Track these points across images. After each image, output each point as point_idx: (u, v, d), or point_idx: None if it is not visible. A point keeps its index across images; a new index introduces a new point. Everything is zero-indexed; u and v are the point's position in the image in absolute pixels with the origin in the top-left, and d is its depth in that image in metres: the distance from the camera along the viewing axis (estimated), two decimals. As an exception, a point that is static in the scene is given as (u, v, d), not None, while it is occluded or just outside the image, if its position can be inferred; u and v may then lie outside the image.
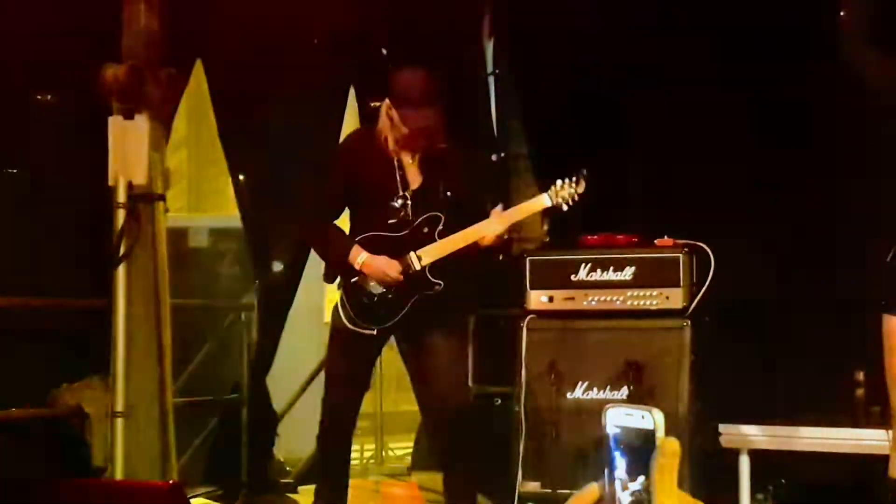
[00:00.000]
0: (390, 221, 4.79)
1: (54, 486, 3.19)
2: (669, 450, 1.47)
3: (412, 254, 4.73)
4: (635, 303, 5.67)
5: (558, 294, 5.80)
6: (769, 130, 6.03)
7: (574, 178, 4.81)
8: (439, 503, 5.23)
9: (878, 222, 4.77)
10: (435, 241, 4.77)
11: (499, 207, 4.90)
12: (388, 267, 4.70)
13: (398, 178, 4.82)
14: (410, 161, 4.84)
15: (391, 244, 4.76)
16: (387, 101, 4.83)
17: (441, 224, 4.80)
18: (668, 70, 6.29)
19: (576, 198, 4.83)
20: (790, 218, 5.93)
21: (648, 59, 6.31)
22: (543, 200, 4.89)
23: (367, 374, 5.05)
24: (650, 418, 1.54)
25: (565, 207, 4.86)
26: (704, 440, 5.51)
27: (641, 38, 6.34)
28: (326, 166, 5.21)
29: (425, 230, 4.78)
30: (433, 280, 4.77)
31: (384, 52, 6.88)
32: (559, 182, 4.83)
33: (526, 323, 5.79)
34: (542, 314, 5.81)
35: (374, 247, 4.77)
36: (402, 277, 4.70)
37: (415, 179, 4.84)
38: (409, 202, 4.80)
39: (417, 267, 4.73)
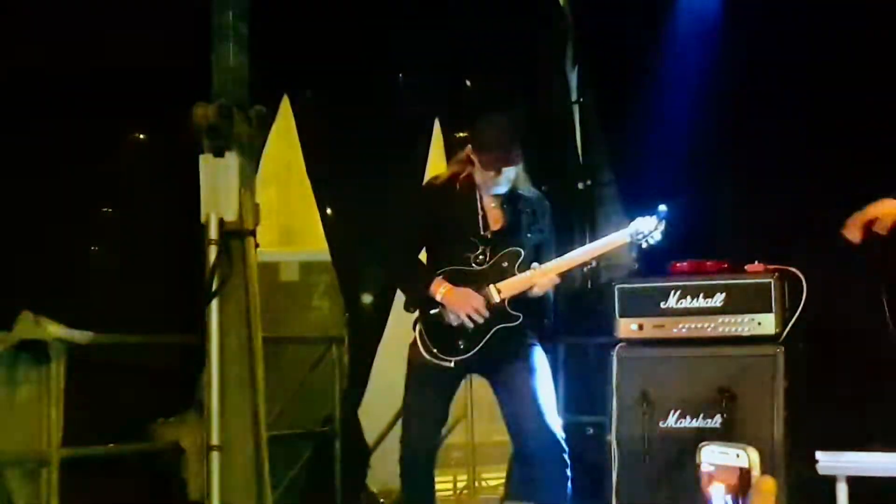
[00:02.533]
0: (469, 257, 4.84)
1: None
2: (765, 488, 1.41)
3: (492, 286, 4.77)
4: (727, 329, 5.59)
5: (648, 322, 5.75)
6: (862, 151, 5.98)
7: (657, 214, 4.86)
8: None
9: None
10: (515, 275, 4.81)
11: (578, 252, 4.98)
12: (471, 297, 4.73)
13: (480, 218, 4.88)
14: (492, 203, 4.90)
15: (471, 277, 4.81)
16: (469, 146, 4.89)
17: (521, 259, 4.84)
18: (760, 91, 6.30)
19: (657, 236, 4.86)
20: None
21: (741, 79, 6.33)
22: (624, 235, 4.92)
23: (446, 407, 5.04)
24: (745, 456, 1.48)
25: (645, 245, 4.90)
26: (801, 468, 5.41)
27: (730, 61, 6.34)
28: (410, 204, 5.27)
29: (505, 264, 4.83)
30: (512, 313, 4.80)
31: (468, 83, 6.92)
32: (639, 219, 4.87)
33: (616, 351, 5.75)
34: (632, 342, 5.77)
35: (454, 280, 4.81)
36: (484, 309, 4.72)
37: (496, 221, 4.90)
38: (489, 242, 4.86)
39: (497, 299, 4.76)
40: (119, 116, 5.90)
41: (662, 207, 4.86)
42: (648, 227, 4.84)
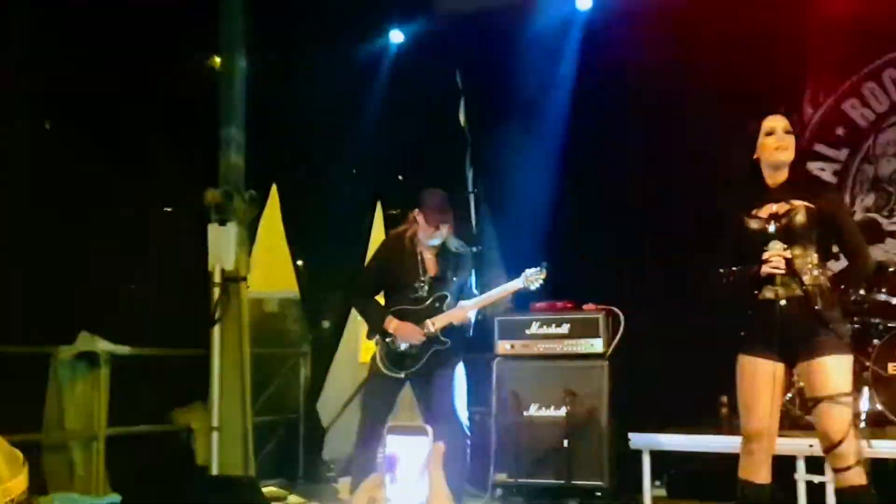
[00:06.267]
0: (413, 297, 4.71)
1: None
2: (438, 452, 1.33)
3: (428, 321, 4.66)
4: (570, 349, 5.68)
5: (517, 343, 5.81)
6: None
7: (540, 267, 4.74)
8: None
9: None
10: (444, 312, 4.70)
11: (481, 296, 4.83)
12: (413, 332, 4.65)
13: (420, 268, 4.74)
14: (429, 256, 4.76)
15: (414, 314, 4.69)
16: (416, 210, 4.74)
17: (447, 301, 4.73)
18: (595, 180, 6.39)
19: (541, 282, 4.74)
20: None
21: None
22: (519, 282, 4.76)
23: (392, 404, 4.81)
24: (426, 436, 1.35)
25: (532, 288, 4.76)
26: (619, 444, 5.47)
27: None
28: (371, 260, 5.09)
29: (437, 304, 4.71)
30: (443, 339, 4.70)
31: (400, 178, 6.98)
32: (528, 270, 4.74)
33: (495, 363, 5.81)
34: (506, 357, 5.82)
35: (402, 316, 4.69)
36: (422, 339, 4.66)
37: (431, 269, 4.75)
38: (426, 285, 4.72)
39: (432, 330, 4.66)
40: (156, 197, 5.93)
41: (544, 264, 4.73)
42: (535, 276, 4.72)
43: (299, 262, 6.72)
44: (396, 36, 6.88)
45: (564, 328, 5.72)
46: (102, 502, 5.03)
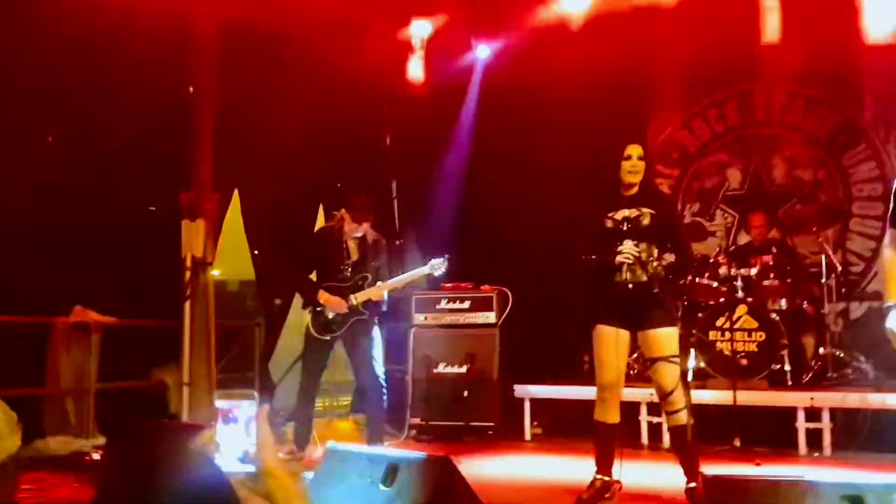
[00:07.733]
0: (340, 276, 4.71)
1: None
2: (263, 411, 1.24)
3: (351, 295, 4.68)
4: (470, 320, 5.76)
5: (430, 315, 5.86)
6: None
7: (443, 258, 4.81)
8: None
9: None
10: (364, 289, 4.72)
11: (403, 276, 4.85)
12: (339, 304, 4.66)
13: (345, 253, 4.75)
14: (352, 244, 4.77)
15: (340, 289, 4.70)
16: (343, 209, 4.77)
17: (368, 280, 4.73)
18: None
19: (443, 269, 4.82)
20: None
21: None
22: (426, 269, 4.82)
23: (324, 361, 4.83)
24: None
25: (437, 274, 4.85)
26: (506, 394, 5.58)
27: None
28: (306, 245, 5.15)
29: (360, 282, 4.73)
30: (363, 310, 4.71)
31: (339, 185, 6.94)
32: (434, 259, 4.79)
33: (413, 331, 5.85)
34: (421, 326, 5.86)
35: (330, 290, 4.70)
36: (346, 309, 4.69)
37: (354, 254, 4.77)
38: (350, 267, 4.74)
39: (355, 303, 4.68)
40: (141, 198, 5.70)
41: (446, 255, 4.81)
42: (439, 264, 4.79)
43: (255, 252, 6.50)
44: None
45: (466, 304, 5.80)
46: (90, 444, 4.89)
